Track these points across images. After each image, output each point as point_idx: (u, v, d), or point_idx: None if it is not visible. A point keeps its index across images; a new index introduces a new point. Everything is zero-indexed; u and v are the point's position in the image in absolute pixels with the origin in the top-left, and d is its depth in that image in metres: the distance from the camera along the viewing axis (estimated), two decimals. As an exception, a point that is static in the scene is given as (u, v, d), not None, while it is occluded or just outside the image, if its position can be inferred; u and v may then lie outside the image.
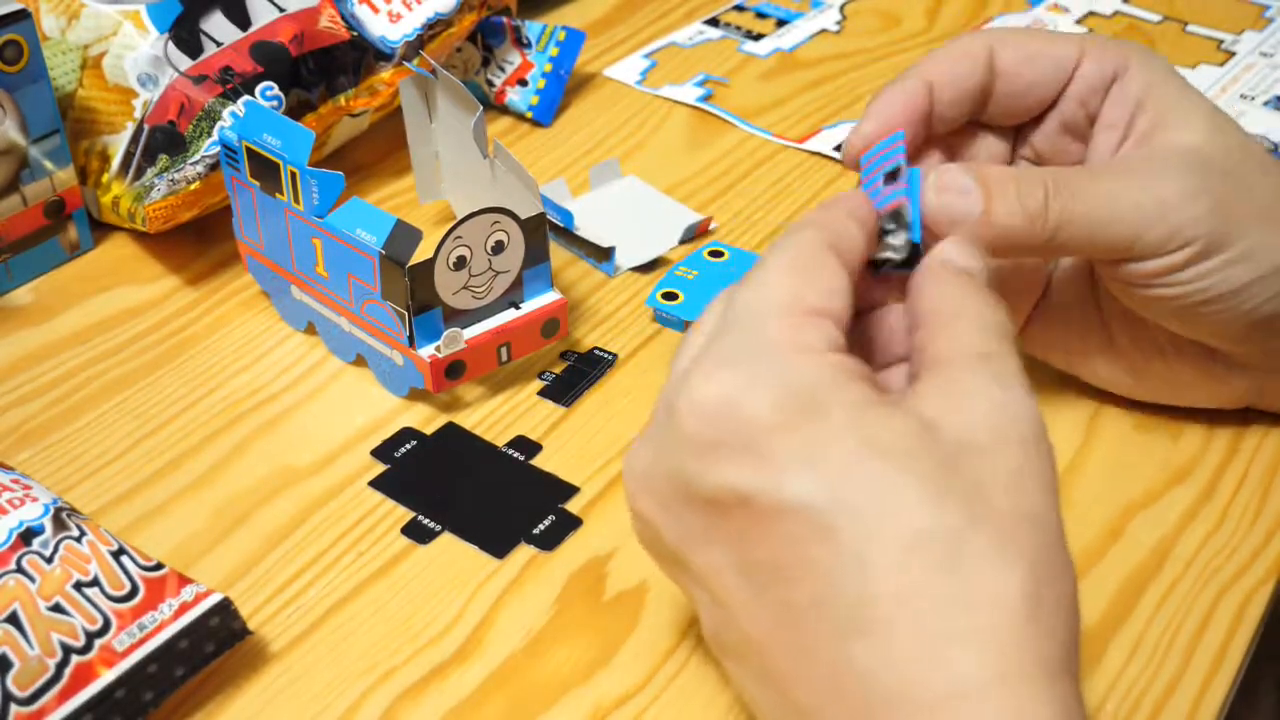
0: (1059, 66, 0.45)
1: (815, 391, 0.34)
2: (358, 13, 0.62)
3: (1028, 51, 0.45)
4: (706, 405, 0.34)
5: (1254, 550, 0.45)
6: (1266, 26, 0.78)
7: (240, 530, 0.46)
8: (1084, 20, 0.79)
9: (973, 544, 0.32)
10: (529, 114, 0.69)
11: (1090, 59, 0.45)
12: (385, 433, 0.50)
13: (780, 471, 0.33)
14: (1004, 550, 0.32)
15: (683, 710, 0.40)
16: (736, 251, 0.58)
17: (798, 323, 0.35)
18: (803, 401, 0.34)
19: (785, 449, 0.33)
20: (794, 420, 0.33)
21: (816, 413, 0.33)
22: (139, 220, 0.57)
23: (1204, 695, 0.40)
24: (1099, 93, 0.45)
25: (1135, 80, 0.44)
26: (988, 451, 0.33)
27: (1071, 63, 0.45)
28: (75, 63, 0.59)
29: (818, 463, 0.33)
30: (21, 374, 0.53)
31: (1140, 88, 0.44)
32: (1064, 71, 0.45)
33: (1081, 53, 0.45)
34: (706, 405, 0.34)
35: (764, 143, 0.68)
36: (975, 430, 0.34)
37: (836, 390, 0.34)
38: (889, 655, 0.32)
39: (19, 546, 0.39)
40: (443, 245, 0.48)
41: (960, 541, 0.32)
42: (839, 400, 0.34)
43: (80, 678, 0.38)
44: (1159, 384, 0.48)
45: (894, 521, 0.32)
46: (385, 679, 0.41)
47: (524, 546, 0.46)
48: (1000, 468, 0.33)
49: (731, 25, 0.79)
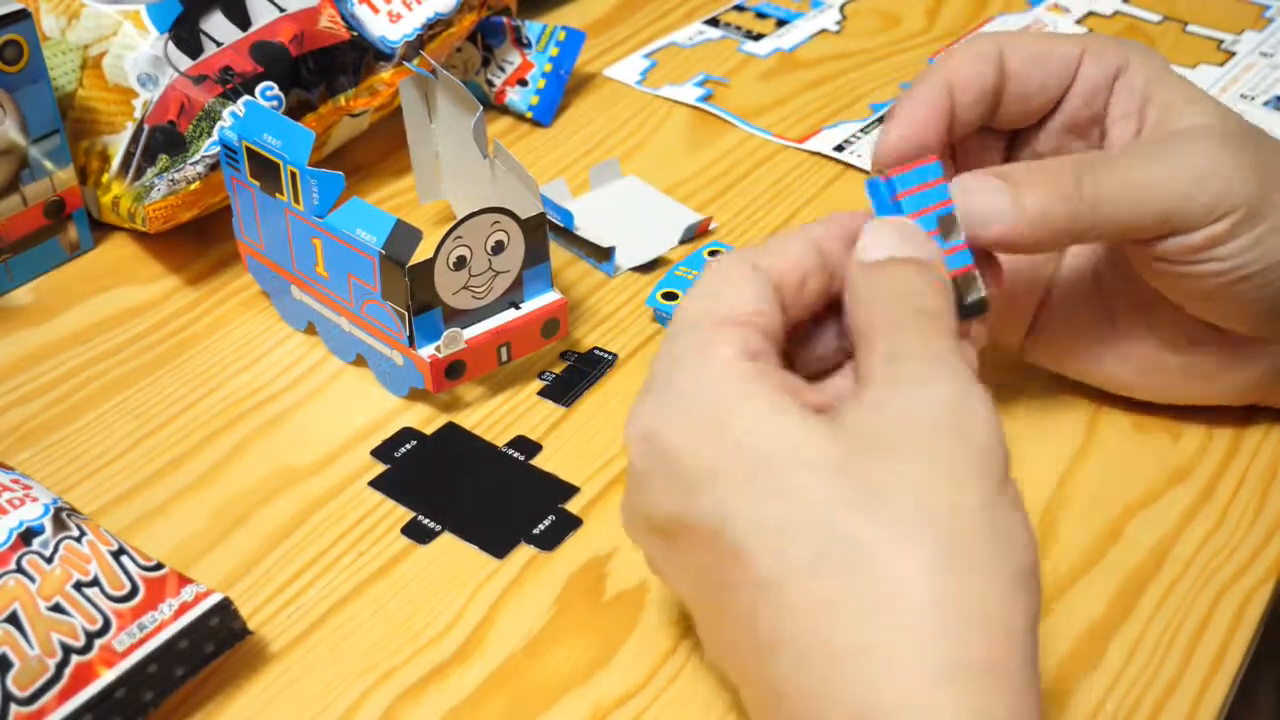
0: (1064, 66, 0.45)
1: (719, 407, 0.35)
2: (358, 13, 0.62)
3: (1034, 52, 0.45)
4: (634, 439, 0.36)
5: (1254, 550, 0.45)
6: (1266, 26, 0.78)
7: (240, 530, 0.46)
8: (1084, 20, 0.79)
9: (871, 550, 0.32)
10: (529, 114, 0.69)
11: (1092, 57, 0.45)
12: (385, 433, 0.50)
13: (693, 495, 0.34)
14: (903, 552, 0.32)
15: (683, 710, 0.40)
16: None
17: (707, 335, 0.36)
18: (708, 421, 0.35)
19: (695, 473, 0.34)
20: (701, 442, 0.34)
21: (720, 429, 0.34)
22: (139, 220, 0.57)
23: (1203, 695, 0.40)
24: (1103, 90, 0.45)
25: (1138, 75, 0.45)
26: (896, 451, 0.33)
27: (1075, 62, 0.45)
28: (75, 63, 0.59)
29: (722, 482, 0.34)
30: (21, 374, 0.54)
31: (1144, 81, 0.45)
32: (1069, 71, 0.45)
33: (1083, 51, 0.45)
34: (634, 439, 0.36)
35: (764, 143, 0.68)
36: (886, 431, 0.33)
37: (742, 401, 0.34)
38: (799, 672, 0.32)
39: (19, 546, 0.39)
40: (443, 245, 0.48)
41: (858, 548, 0.32)
42: (742, 412, 0.34)
43: (80, 678, 0.38)
44: (1174, 380, 0.48)
45: (793, 535, 0.32)
46: (385, 679, 0.41)
47: (524, 546, 0.46)
48: (908, 466, 0.33)
49: (731, 25, 0.79)
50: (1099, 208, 0.41)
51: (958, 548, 0.32)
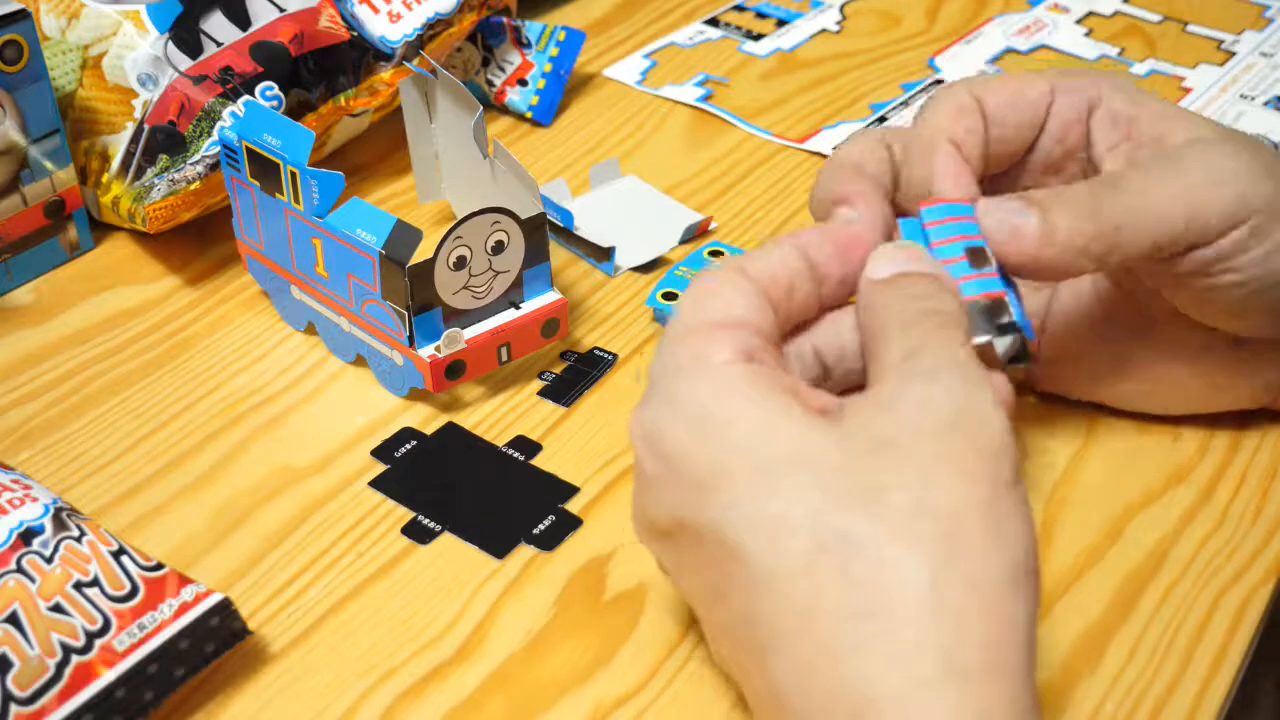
0: (1037, 106, 0.45)
1: (718, 410, 0.35)
2: (358, 13, 0.62)
3: (1008, 95, 0.45)
4: (639, 442, 0.37)
5: (1253, 551, 0.45)
6: (1266, 26, 0.78)
7: (240, 530, 0.46)
8: (1084, 20, 0.79)
9: (868, 548, 0.32)
10: (529, 114, 0.69)
11: (1062, 94, 0.45)
12: (385, 433, 0.50)
13: (695, 496, 0.35)
14: (902, 550, 0.32)
15: (683, 710, 0.40)
16: (736, 251, 0.58)
17: (704, 338, 0.36)
18: (708, 420, 0.35)
19: (696, 472, 0.35)
20: (702, 442, 0.35)
21: (721, 429, 0.34)
22: (139, 220, 0.57)
23: (1203, 696, 0.40)
24: (1076, 125, 0.45)
25: (1115, 102, 0.44)
26: (898, 449, 0.33)
27: (1046, 99, 0.45)
28: (75, 63, 0.59)
29: (722, 482, 0.34)
30: (21, 374, 0.54)
31: (1124, 106, 0.44)
32: (1041, 110, 0.45)
33: (1053, 88, 0.45)
34: (639, 442, 0.37)
35: (764, 143, 0.68)
36: (890, 431, 0.33)
37: (741, 402, 0.35)
38: (798, 671, 0.32)
39: (19, 546, 0.39)
40: (443, 245, 0.48)
41: (855, 547, 0.32)
42: (742, 414, 0.34)
43: (80, 678, 0.38)
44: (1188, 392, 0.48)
45: (791, 534, 0.33)
46: (385, 679, 0.41)
47: (524, 546, 0.46)
48: (908, 464, 0.33)
49: (731, 25, 0.79)
50: (1120, 229, 0.40)
51: (960, 546, 0.32)
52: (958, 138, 0.44)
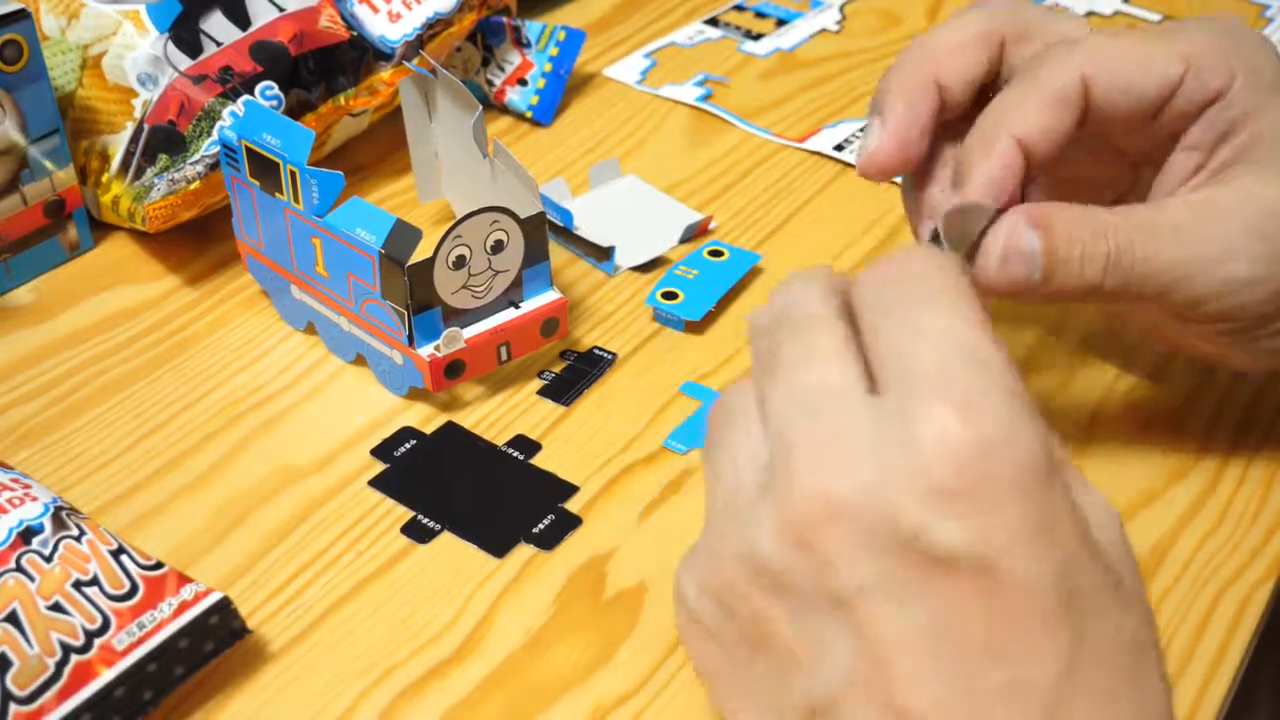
0: (1160, 87, 0.41)
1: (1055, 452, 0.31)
2: (357, 12, 0.62)
3: (1124, 77, 0.41)
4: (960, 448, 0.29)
5: (1253, 550, 0.45)
6: (1266, 26, 0.78)
7: (240, 530, 0.46)
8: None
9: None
10: (529, 114, 0.69)
11: (1193, 76, 0.41)
12: (385, 432, 0.50)
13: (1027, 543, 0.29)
14: None
15: (683, 710, 0.40)
16: (736, 251, 0.58)
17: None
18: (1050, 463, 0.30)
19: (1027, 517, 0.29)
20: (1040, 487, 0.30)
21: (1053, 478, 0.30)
22: (139, 220, 0.57)
23: (1203, 695, 0.40)
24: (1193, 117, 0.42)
25: (1235, 105, 0.41)
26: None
27: (1174, 82, 0.41)
28: (75, 62, 0.59)
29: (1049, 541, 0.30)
30: (21, 374, 0.53)
31: (1237, 113, 0.41)
32: (1165, 92, 0.41)
33: (1185, 68, 0.41)
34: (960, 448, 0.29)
35: (764, 142, 0.68)
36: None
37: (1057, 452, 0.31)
38: None
39: (18, 546, 0.39)
40: (442, 245, 0.48)
41: None
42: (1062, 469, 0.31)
43: (80, 677, 0.38)
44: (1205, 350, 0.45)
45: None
46: (385, 678, 0.41)
47: (523, 546, 0.46)
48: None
49: (731, 25, 0.79)
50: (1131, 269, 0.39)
51: None
52: (1030, 140, 0.40)
